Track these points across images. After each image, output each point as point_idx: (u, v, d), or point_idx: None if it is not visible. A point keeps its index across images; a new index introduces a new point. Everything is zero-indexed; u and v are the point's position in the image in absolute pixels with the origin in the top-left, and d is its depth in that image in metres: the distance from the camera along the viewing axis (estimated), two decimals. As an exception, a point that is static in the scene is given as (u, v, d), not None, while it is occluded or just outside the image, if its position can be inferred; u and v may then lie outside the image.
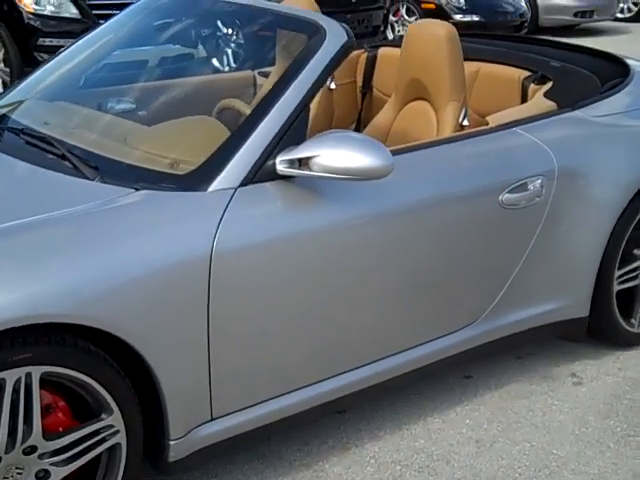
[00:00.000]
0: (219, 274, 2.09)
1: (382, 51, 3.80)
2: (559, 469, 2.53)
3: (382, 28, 9.41)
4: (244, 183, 2.20)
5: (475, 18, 10.61)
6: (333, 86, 3.44)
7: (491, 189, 2.64)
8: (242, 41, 2.77)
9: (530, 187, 2.72)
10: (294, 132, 2.28)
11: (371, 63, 3.81)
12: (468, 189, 2.60)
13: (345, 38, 2.44)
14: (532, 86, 3.19)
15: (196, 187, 2.17)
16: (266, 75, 3.20)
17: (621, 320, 3.15)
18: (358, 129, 3.70)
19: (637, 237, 3.11)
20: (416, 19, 10.70)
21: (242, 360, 2.23)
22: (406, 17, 10.81)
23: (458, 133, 2.80)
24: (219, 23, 2.83)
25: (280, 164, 2.22)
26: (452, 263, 2.63)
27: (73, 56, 2.98)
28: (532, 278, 2.86)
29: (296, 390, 2.42)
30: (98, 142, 2.43)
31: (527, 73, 3.26)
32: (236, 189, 2.18)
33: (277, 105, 2.28)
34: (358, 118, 3.88)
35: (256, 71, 3.36)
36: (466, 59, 3.44)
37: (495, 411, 2.82)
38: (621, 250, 3.02)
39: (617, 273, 3.06)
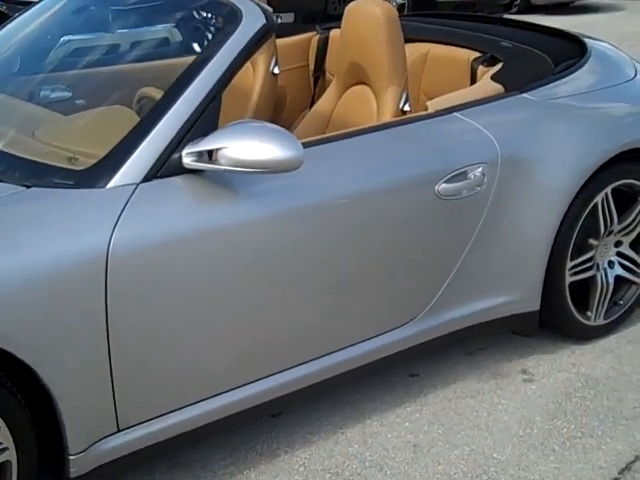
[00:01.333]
0: (117, 277, 1.95)
1: (334, 33, 3.63)
2: (497, 475, 2.39)
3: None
4: (147, 178, 2.05)
5: (463, -4, 10.40)
6: (277, 71, 3.28)
7: (426, 179, 2.49)
8: (164, 25, 2.58)
9: (470, 176, 2.57)
10: (204, 122, 2.13)
11: (323, 46, 3.66)
12: (401, 179, 2.45)
13: (263, 21, 2.28)
14: (481, 68, 3.03)
15: (94, 184, 2.02)
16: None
17: (576, 313, 3.01)
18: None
19: (592, 226, 2.96)
20: (402, -2, 10.50)
21: (150, 367, 2.09)
22: (393, -3, 10.59)
23: (391, 120, 2.65)
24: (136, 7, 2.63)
25: (186, 157, 2.07)
26: (386, 257, 2.48)
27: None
28: (477, 272, 2.71)
29: (222, 393, 2.29)
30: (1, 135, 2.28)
31: (477, 54, 3.09)
32: (138, 185, 2.03)
33: (185, 94, 2.13)
34: (311, 103, 3.73)
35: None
36: (416, 40, 3.31)
37: (438, 412, 2.68)
38: (573, 240, 2.87)
39: (569, 264, 2.91)
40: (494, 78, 2.87)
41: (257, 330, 2.27)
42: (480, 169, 2.58)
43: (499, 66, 2.97)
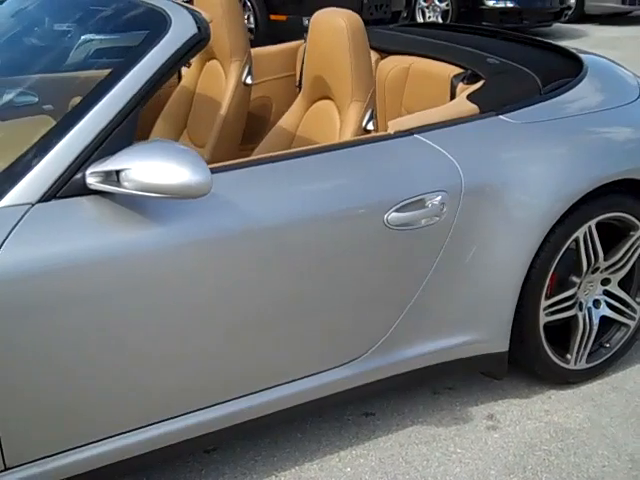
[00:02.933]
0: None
1: (323, 42, 3.44)
2: (433, 537, 2.18)
3: (405, 14, 8.99)
4: (46, 198, 1.89)
5: (509, 4, 10.08)
6: (249, 81, 3.10)
7: (374, 207, 2.27)
8: (95, 31, 2.42)
9: (428, 205, 2.34)
10: (116, 140, 1.96)
11: (309, 55, 3.47)
12: (346, 206, 2.24)
13: (193, 31, 2.10)
14: (461, 85, 2.80)
15: (-18, 202, 1.87)
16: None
17: (552, 356, 2.76)
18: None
19: (573, 262, 2.71)
20: (447, 4, 10.25)
21: (40, 400, 1.93)
22: (437, 2, 10.34)
23: (342, 141, 2.44)
24: (70, 14, 2.48)
25: (90, 177, 1.91)
26: (330, 290, 2.28)
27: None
28: (436, 308, 2.49)
29: (138, 429, 2.13)
30: None
31: (459, 70, 2.87)
32: (33, 205, 1.88)
33: (95, 108, 1.96)
34: (298, 115, 3.55)
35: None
36: (399, 53, 3.11)
37: (385, 459, 2.47)
38: (548, 277, 2.63)
39: (545, 303, 2.67)
40: (470, 97, 2.64)
41: (167, 364, 2.10)
42: (439, 198, 2.35)
43: (479, 84, 2.74)
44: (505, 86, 2.74)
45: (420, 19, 10.42)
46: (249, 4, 8.23)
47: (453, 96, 2.85)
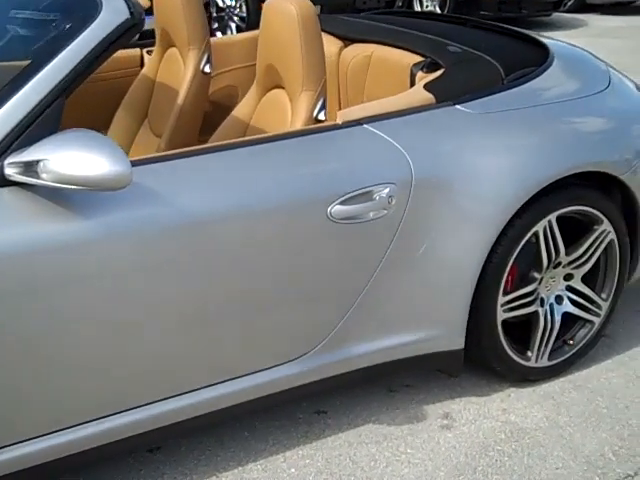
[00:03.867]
0: None
1: (288, 29, 3.35)
2: (372, 541, 2.11)
3: (400, 3, 8.87)
4: (-39, 189, 1.83)
5: (507, -7, 9.94)
6: (208, 69, 3.01)
7: (317, 199, 2.19)
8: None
9: (375, 197, 2.26)
10: (39, 129, 1.89)
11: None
12: (288, 198, 2.16)
13: (125, 16, 2.02)
14: (420, 74, 2.72)
15: None
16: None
17: (511, 353, 2.68)
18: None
19: (533, 257, 2.63)
20: (443, -7, 10.11)
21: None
22: (434, -9, 10.20)
23: (285, 131, 2.36)
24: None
25: (8, 168, 1.84)
26: (272, 285, 2.21)
27: None
28: (387, 303, 2.41)
29: (72, 427, 2.07)
30: None
31: (419, 58, 2.78)
32: (-53, 197, 1.81)
33: (15, 97, 1.89)
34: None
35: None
36: (362, 40, 3.02)
37: (332, 459, 2.40)
38: (506, 273, 2.55)
39: (502, 299, 2.58)
40: (427, 86, 2.55)
41: (99, 359, 2.03)
42: (387, 190, 2.27)
43: (438, 73, 2.66)
44: (465, 75, 2.66)
45: (418, 8, 10.30)
46: (241, -8, 8.15)
47: (413, 85, 2.76)
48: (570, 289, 2.79)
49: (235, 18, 8.12)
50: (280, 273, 2.21)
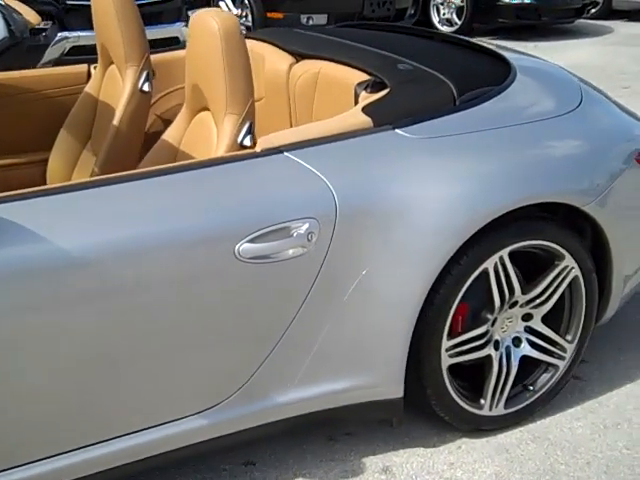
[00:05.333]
0: None
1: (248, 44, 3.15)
2: None
3: (412, 11, 8.63)
4: None
5: (527, 0, 9.62)
6: (147, 88, 2.82)
7: (223, 237, 1.98)
8: None
9: (293, 234, 2.05)
10: None
11: (230, 58, 3.18)
12: (192, 235, 1.96)
13: (2, 35, 1.84)
14: (363, 94, 2.48)
15: None
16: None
17: (461, 402, 2.43)
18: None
19: (484, 296, 2.39)
20: (462, 1, 9.85)
21: None
22: (453, -1, 9.94)
23: (196, 160, 2.17)
24: None
25: None
26: (175, 329, 2.00)
27: None
28: (312, 348, 2.19)
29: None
30: None
31: (366, 77, 2.55)
32: None
33: None
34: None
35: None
36: (311, 57, 2.80)
37: (249, 519, 2.19)
38: (450, 314, 2.31)
39: (448, 343, 2.35)
40: (365, 109, 2.33)
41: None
42: (306, 226, 2.05)
43: (382, 93, 2.43)
44: (411, 96, 2.42)
45: (435, 16, 10.04)
46: (246, 1, 7.97)
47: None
48: (530, 330, 2.54)
49: (241, 27, 7.94)
50: (186, 315, 2.00)
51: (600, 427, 2.56)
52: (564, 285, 2.49)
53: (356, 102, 2.53)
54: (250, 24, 7.92)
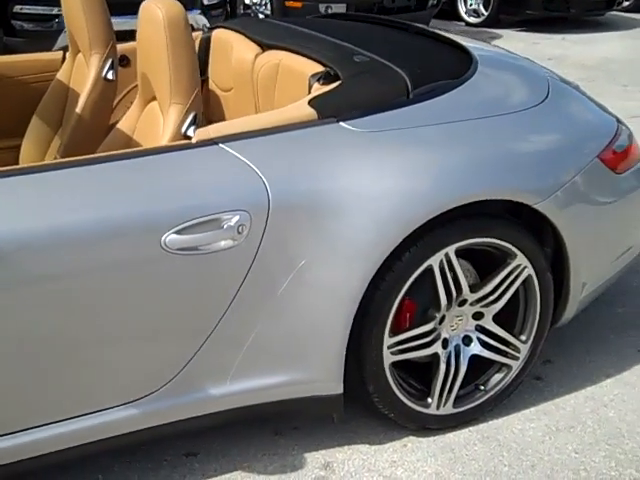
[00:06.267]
0: None
1: (217, 33, 3.15)
2: None
3: (434, 1, 8.52)
4: None
5: (554, -9, 9.45)
6: (111, 76, 2.82)
7: (151, 228, 1.97)
8: None
9: (223, 226, 2.03)
10: None
11: (205, 48, 3.18)
12: (119, 227, 1.95)
13: None
14: (316, 85, 2.45)
15: None
16: None
17: (405, 399, 2.40)
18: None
19: (430, 294, 2.35)
20: (488, -9, 9.69)
21: None
22: (479, -12, 9.80)
23: (128, 150, 2.15)
24: None
25: None
26: (102, 321, 2.00)
27: None
28: (245, 342, 2.17)
29: None
30: None
31: (321, 68, 2.52)
32: None
33: None
34: (195, 113, 3.26)
35: None
36: (274, 47, 2.78)
37: (180, 510, 2.19)
38: (392, 311, 2.27)
39: (390, 340, 2.31)
40: (312, 101, 2.30)
41: None
42: (237, 218, 2.03)
43: (333, 86, 2.39)
44: (362, 88, 2.39)
45: (462, 7, 9.93)
46: (266, -10, 7.96)
47: (311, 98, 2.51)
48: (481, 329, 2.49)
49: (260, 16, 7.94)
50: (112, 307, 2.00)
51: (552, 429, 2.51)
52: (516, 284, 2.44)
53: (310, 94, 2.51)
54: (269, 12, 7.90)
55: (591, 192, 2.51)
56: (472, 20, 9.87)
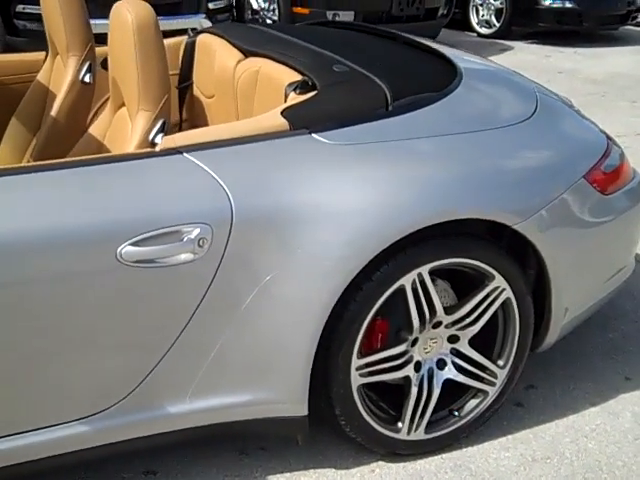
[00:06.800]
0: None
1: (202, 38, 3.07)
2: None
3: (444, 11, 8.44)
4: None
5: (568, 5, 9.34)
6: (88, 79, 2.75)
7: (106, 238, 1.89)
8: None
9: (183, 239, 1.95)
10: None
11: (189, 53, 3.11)
12: (73, 235, 1.87)
13: None
14: (292, 95, 2.37)
15: None
16: None
17: (374, 424, 2.31)
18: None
19: (402, 315, 2.26)
20: (501, 3, 9.61)
21: None
22: (491, 0, 9.69)
23: (89, 157, 2.07)
24: None
25: None
26: (55, 334, 1.93)
27: None
28: (205, 359, 2.09)
29: None
30: None
31: (298, 77, 2.44)
32: None
33: None
34: (180, 119, 3.20)
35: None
36: (255, 54, 2.70)
37: (132, 532, 2.10)
38: (361, 331, 2.19)
39: (359, 362, 2.22)
40: (285, 111, 2.21)
41: None
42: (197, 231, 1.95)
43: (309, 95, 2.31)
44: (339, 99, 2.30)
45: (473, 17, 9.83)
46: (273, -4, 7.90)
47: (287, 107, 2.42)
48: (456, 353, 2.40)
49: (268, 21, 7.88)
50: (63, 316, 1.92)
51: (528, 459, 2.41)
52: (494, 307, 2.35)
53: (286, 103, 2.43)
54: (277, 18, 7.83)
55: (576, 213, 2.41)
56: (484, 31, 9.77)
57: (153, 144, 2.16)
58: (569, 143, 2.53)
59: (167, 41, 3.17)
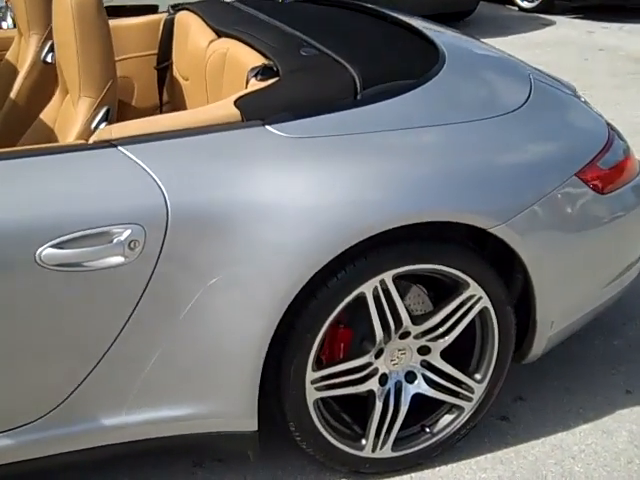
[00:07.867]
0: None
1: (180, 16, 2.88)
2: None
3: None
4: None
5: (601, -9, 8.88)
6: (50, 59, 2.58)
7: (24, 239, 1.73)
8: None
9: (113, 241, 1.78)
10: None
11: (169, 30, 2.93)
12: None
13: None
14: (252, 81, 2.17)
15: None
16: None
17: (333, 440, 2.13)
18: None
19: (365, 324, 2.07)
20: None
21: None
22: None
23: (14, 148, 1.92)
24: None
25: None
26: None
27: None
28: (140, 371, 1.92)
29: None
30: None
31: (261, 62, 2.23)
32: None
33: None
34: (160, 101, 3.03)
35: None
36: (225, 35, 2.51)
37: None
38: (316, 342, 2.00)
39: (314, 375, 2.04)
40: (238, 100, 2.02)
41: None
42: (128, 232, 1.78)
43: (268, 82, 2.11)
44: (301, 87, 2.10)
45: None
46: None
47: (250, 94, 2.23)
48: (427, 365, 2.20)
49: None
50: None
51: (505, 481, 2.21)
52: (469, 317, 2.14)
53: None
54: None
55: (565, 215, 2.18)
56: (525, 5, 9.38)
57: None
58: (562, 136, 2.29)
59: (146, 18, 3.03)
